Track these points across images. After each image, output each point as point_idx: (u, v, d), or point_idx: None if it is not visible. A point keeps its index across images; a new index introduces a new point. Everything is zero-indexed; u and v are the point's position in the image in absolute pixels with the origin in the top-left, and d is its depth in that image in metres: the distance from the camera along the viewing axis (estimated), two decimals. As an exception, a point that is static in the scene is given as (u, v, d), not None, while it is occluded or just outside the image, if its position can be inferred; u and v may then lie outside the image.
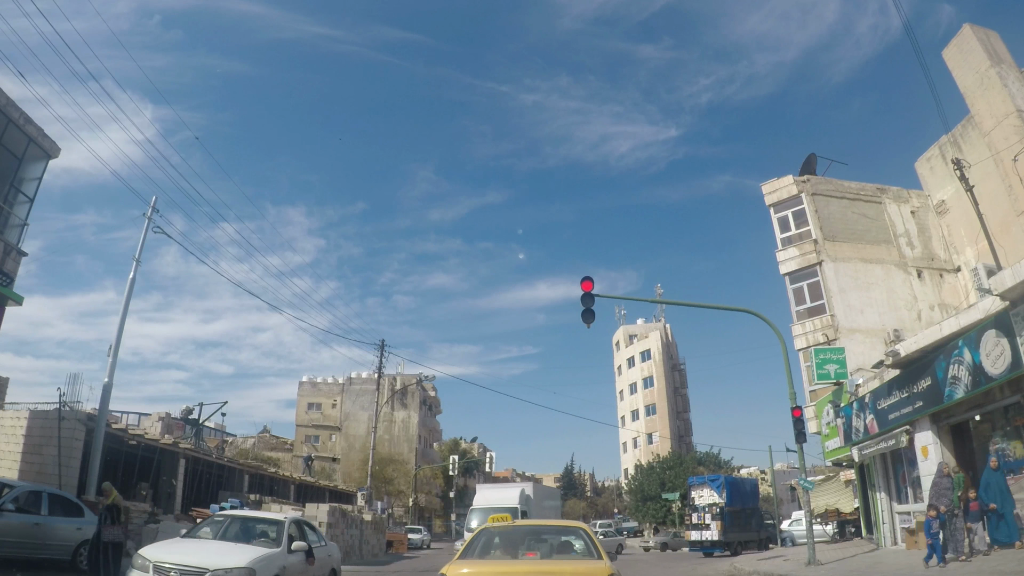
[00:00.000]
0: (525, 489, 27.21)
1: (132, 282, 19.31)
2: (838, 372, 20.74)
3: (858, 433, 18.25)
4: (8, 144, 16.10)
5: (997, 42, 21.57)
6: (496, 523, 7.69)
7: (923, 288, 26.95)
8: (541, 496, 30.47)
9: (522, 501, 25.07)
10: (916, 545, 14.52)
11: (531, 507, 25.92)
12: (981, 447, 13.53)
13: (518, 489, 27.01)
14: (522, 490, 26.67)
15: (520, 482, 48.88)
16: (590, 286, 16.26)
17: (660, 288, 74.96)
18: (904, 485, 16.97)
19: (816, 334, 25.72)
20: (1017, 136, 19.40)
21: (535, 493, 28.63)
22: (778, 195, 28.60)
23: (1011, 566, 9.75)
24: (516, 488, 27.39)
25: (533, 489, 28.88)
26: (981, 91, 20.89)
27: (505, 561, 6.77)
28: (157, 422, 38.76)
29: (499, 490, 28.04)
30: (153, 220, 19.72)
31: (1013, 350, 10.67)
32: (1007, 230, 20.73)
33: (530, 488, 28.29)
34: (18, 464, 17.32)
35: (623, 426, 76.87)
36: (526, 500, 25.77)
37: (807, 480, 17.22)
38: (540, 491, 31.43)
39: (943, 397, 13.24)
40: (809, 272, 26.90)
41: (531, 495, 27.05)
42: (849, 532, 25.95)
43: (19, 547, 11.05)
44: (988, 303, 11.70)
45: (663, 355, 76.31)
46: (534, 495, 27.81)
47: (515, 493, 26.12)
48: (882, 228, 27.90)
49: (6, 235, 16.20)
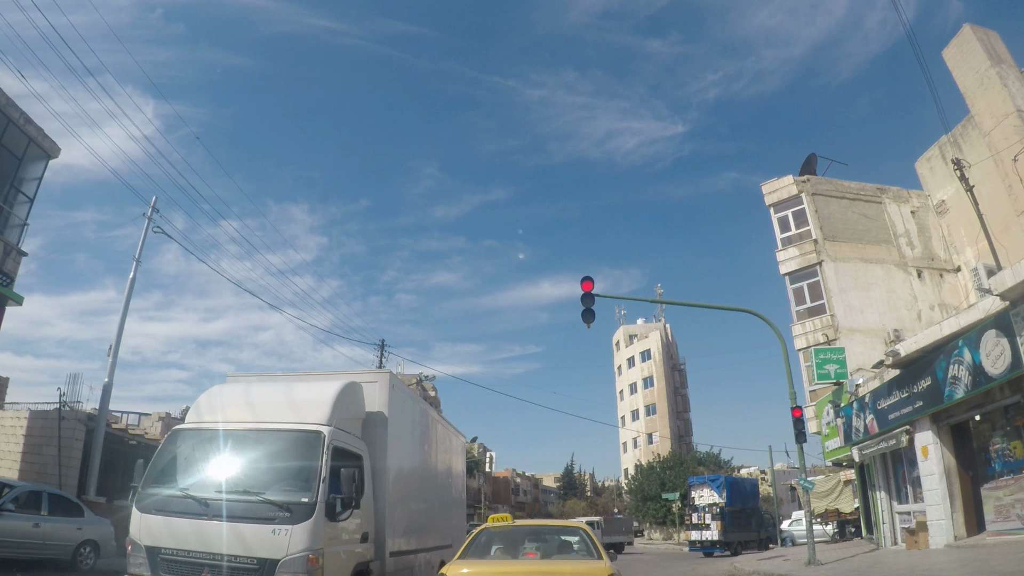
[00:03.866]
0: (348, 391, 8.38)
1: (132, 281, 19.31)
2: (838, 372, 20.75)
3: (858, 433, 18.25)
4: (8, 144, 16.11)
5: (997, 42, 21.57)
6: (496, 523, 7.69)
7: (923, 288, 26.96)
8: (405, 413, 10.52)
9: (341, 410, 7.71)
10: (916, 545, 14.52)
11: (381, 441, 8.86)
12: (981, 447, 13.53)
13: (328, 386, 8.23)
14: (343, 389, 7.91)
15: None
16: (590, 286, 16.27)
17: (660, 288, 75.03)
18: (904, 485, 16.97)
19: (816, 334, 25.73)
20: (1017, 136, 19.40)
21: (392, 403, 9.08)
22: (778, 195, 28.62)
23: (1012, 566, 9.74)
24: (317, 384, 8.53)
25: (388, 393, 8.86)
26: (981, 91, 20.89)
27: (505, 561, 6.77)
28: (157, 422, 38.55)
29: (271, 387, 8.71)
30: (153, 220, 19.72)
31: (1013, 350, 10.67)
32: (1007, 230, 20.73)
33: (383, 388, 8.87)
34: (18, 464, 17.33)
35: (623, 426, 76.89)
36: (349, 408, 8.17)
37: (807, 480, 17.22)
38: (402, 401, 10.15)
39: (943, 397, 13.24)
40: (809, 272, 26.92)
41: (384, 404, 8.83)
42: (849, 532, 25.96)
43: (19, 547, 11.04)
44: (988, 303, 11.69)
45: (663, 355, 76.32)
46: (391, 409, 8.96)
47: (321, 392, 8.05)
48: (882, 228, 27.92)
49: (6, 235, 16.20)
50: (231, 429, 7.17)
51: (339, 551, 6.88)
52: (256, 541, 6.21)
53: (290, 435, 7.02)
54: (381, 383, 8.87)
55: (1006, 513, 12.37)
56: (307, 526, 6.28)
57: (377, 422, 8.50)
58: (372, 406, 8.57)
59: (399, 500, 8.97)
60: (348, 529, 7.10)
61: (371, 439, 8.22)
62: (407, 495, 9.56)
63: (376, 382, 8.85)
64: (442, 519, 11.94)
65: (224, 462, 6.89)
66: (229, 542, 6.20)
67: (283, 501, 6.40)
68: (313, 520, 6.33)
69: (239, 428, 7.20)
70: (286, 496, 6.46)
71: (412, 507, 9.84)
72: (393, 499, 8.57)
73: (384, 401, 8.70)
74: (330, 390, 7.60)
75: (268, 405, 7.58)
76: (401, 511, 9.07)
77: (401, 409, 9.47)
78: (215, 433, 7.17)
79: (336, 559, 6.75)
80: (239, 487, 6.56)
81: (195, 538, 6.28)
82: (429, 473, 11.23)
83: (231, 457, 6.93)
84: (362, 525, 7.55)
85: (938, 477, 14.07)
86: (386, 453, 8.41)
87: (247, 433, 7.15)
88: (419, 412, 10.99)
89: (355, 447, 7.59)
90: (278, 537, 6.19)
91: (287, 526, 6.23)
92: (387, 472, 8.35)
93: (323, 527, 6.44)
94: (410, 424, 10.16)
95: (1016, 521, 12.02)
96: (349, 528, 7.11)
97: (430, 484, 11.27)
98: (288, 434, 7.03)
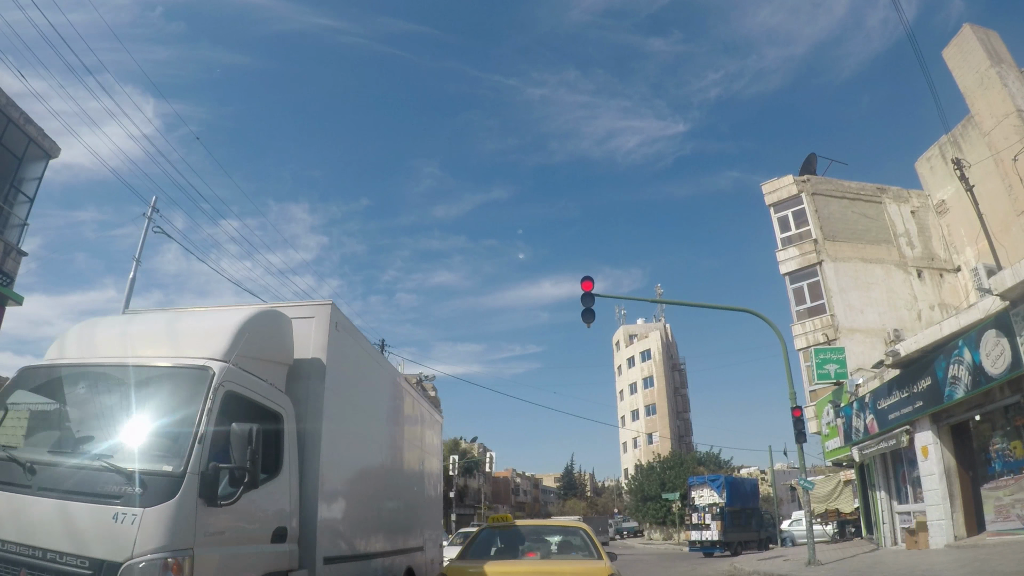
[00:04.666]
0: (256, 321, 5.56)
1: (132, 281, 19.30)
2: (838, 372, 20.76)
3: (858, 433, 18.24)
4: (8, 144, 16.12)
5: (997, 42, 21.59)
6: (496, 523, 7.70)
7: (923, 288, 26.96)
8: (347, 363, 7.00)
9: (250, 346, 5.29)
10: (916, 545, 14.52)
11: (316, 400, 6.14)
12: (981, 447, 13.53)
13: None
14: (253, 318, 5.49)
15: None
16: (590, 286, 16.28)
17: (660, 288, 75.02)
18: (904, 485, 16.97)
19: (816, 334, 25.73)
20: (1017, 136, 19.41)
21: (335, 349, 6.41)
22: (778, 195, 28.62)
23: (1012, 566, 9.74)
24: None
25: (329, 335, 6.28)
26: (981, 91, 20.90)
27: (505, 561, 6.78)
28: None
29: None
30: (153, 219, 19.72)
31: (1013, 350, 10.67)
32: (1007, 230, 20.73)
33: (321, 326, 6.29)
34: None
35: (623, 426, 76.89)
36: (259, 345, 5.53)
37: (807, 480, 17.22)
38: (350, 348, 7.04)
39: (943, 397, 13.24)
40: (809, 272, 26.92)
41: (322, 348, 6.23)
42: (849, 532, 25.96)
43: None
44: (988, 303, 11.69)
45: (663, 355, 76.30)
46: (333, 356, 6.32)
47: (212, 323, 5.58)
48: (882, 228, 27.92)
49: (6, 235, 16.21)
50: (87, 365, 5.08)
51: (229, 554, 4.54)
52: (91, 531, 4.00)
53: (164, 373, 4.80)
54: (319, 320, 6.28)
55: (1006, 513, 12.37)
56: (166, 511, 4.02)
57: (311, 372, 6.04)
58: (305, 351, 6.12)
59: (341, 484, 6.53)
60: (248, 520, 4.78)
61: (301, 395, 5.86)
62: (355, 478, 7.01)
63: (313, 318, 6.28)
64: (410, 515, 9.30)
65: (70, 412, 4.98)
66: (53, 530, 4.06)
67: (133, 469, 4.12)
68: (177, 501, 4.06)
69: (97, 365, 5.06)
70: (141, 462, 4.18)
71: (363, 495, 7.23)
72: (332, 481, 6.15)
73: (322, 345, 6.18)
74: (235, 318, 5.32)
75: (147, 337, 5.36)
76: (344, 500, 6.58)
77: (349, 359, 6.86)
78: (67, 371, 5.10)
79: (223, 566, 4.44)
80: (80, 447, 4.48)
81: (11, 522, 4.16)
82: (392, 454, 8.55)
83: (81, 404, 4.97)
84: (276, 516, 5.18)
85: (938, 477, 14.07)
86: (322, 415, 5.92)
87: (107, 371, 4.99)
88: (378, 369, 8.42)
89: (270, 400, 5.30)
90: (121, 526, 3.96)
91: (135, 509, 3.99)
92: (322, 442, 5.87)
93: (195, 513, 4.17)
94: (363, 382, 7.51)
95: (1016, 521, 12.02)
96: (250, 518, 4.80)
97: (393, 469, 8.55)
98: (161, 372, 4.81)
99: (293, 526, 5.43)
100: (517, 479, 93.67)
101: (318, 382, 6.06)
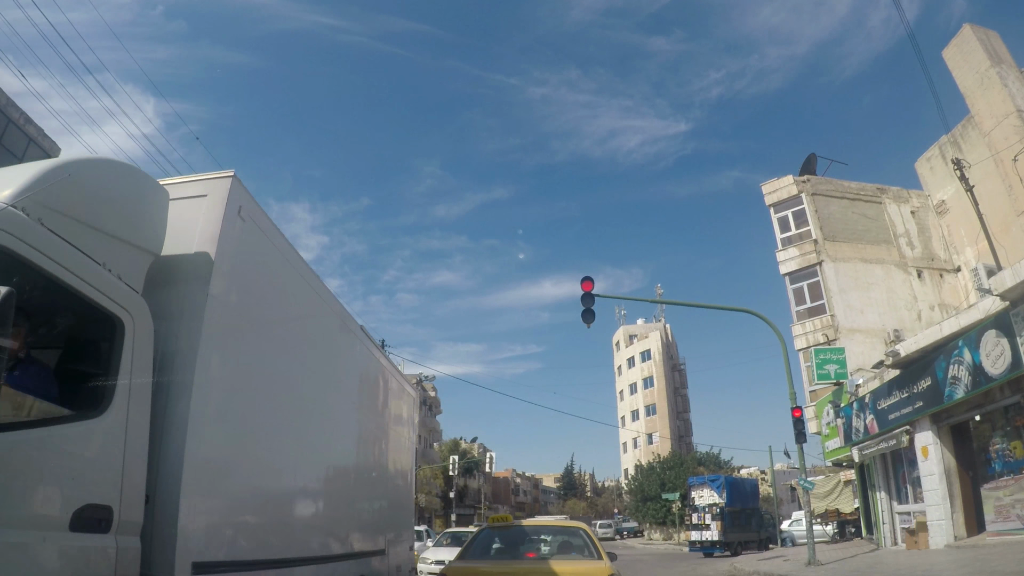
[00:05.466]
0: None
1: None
2: (838, 372, 20.76)
3: (858, 433, 18.25)
4: (8, 144, 16.13)
5: (997, 42, 21.60)
6: (496, 523, 7.71)
7: (923, 288, 26.96)
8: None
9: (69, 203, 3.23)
10: (916, 545, 14.52)
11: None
12: (981, 447, 13.54)
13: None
14: (78, 164, 3.51)
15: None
16: (590, 286, 16.29)
17: (660, 288, 75.01)
18: (904, 485, 16.97)
19: (816, 334, 25.73)
20: (1017, 136, 19.41)
21: (227, 241, 4.27)
22: (778, 195, 28.63)
23: (1012, 566, 9.75)
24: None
25: (222, 223, 4.21)
26: (981, 91, 20.91)
27: (505, 561, 6.78)
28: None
29: None
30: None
31: (1013, 350, 10.67)
32: (1007, 230, 20.74)
33: (215, 209, 4.27)
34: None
35: (623, 426, 76.89)
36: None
37: (807, 480, 17.22)
38: (260, 246, 4.89)
39: (943, 397, 13.24)
40: (809, 272, 26.92)
41: (212, 241, 4.16)
42: (849, 532, 25.96)
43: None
44: (988, 303, 11.70)
45: (663, 355, 76.30)
46: (225, 252, 4.23)
47: None
48: (882, 228, 27.92)
49: (6, 235, 16.22)
50: None
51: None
52: None
53: None
54: (213, 199, 4.27)
55: (1006, 513, 12.37)
56: None
57: (189, 274, 4.01)
58: (186, 244, 4.09)
59: (231, 448, 4.31)
60: (12, 477, 2.66)
61: (172, 307, 3.84)
62: (259, 442, 4.74)
63: (204, 195, 4.30)
64: (364, 509, 7.22)
65: None
66: None
67: None
68: None
69: None
70: None
71: (275, 470, 5.05)
72: (211, 443, 3.94)
73: (211, 235, 4.13)
74: (51, 164, 3.37)
75: None
76: (237, 473, 4.41)
77: (255, 262, 4.76)
78: None
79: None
80: None
81: None
82: (332, 420, 6.26)
83: None
84: (85, 486, 3.04)
85: (938, 477, 14.07)
86: (199, 338, 3.84)
87: None
88: (311, 292, 5.89)
89: (99, 290, 3.24)
90: None
91: None
92: (196, 379, 3.77)
93: None
94: (280, 302, 5.26)
95: (1016, 521, 12.02)
96: (15, 476, 2.68)
97: (333, 442, 6.30)
98: None
99: (126, 507, 3.24)
100: (517, 479, 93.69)
101: (199, 287, 3.98)
